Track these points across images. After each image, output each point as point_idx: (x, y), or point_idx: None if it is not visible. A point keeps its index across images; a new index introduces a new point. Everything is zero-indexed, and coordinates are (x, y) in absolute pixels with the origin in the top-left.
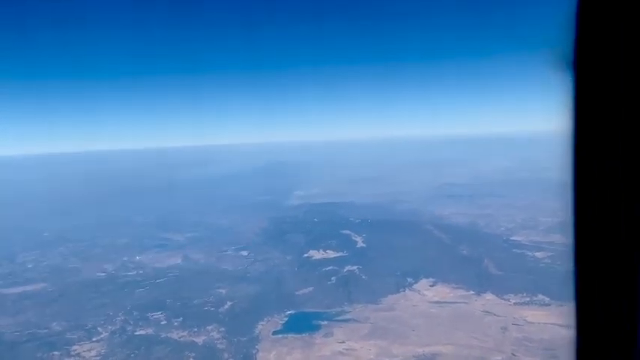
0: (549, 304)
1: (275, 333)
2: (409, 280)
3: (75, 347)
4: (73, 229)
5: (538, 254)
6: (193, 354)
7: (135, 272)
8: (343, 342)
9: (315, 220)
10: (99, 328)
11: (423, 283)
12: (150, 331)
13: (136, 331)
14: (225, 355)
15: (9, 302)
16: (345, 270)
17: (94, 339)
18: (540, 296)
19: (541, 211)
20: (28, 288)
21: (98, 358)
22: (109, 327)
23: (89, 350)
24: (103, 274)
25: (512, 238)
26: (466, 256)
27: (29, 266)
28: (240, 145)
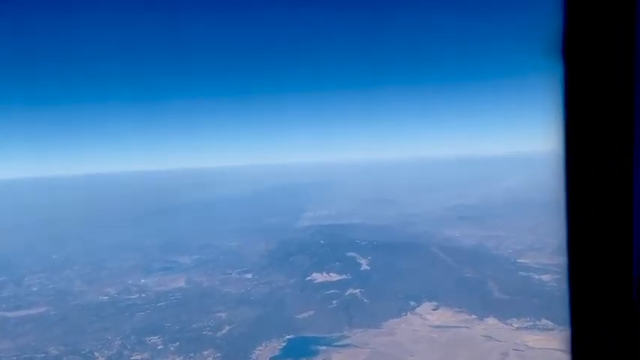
0: (552, 329)
1: (272, 359)
2: (412, 303)
3: None
4: (81, 251)
5: (544, 277)
6: None
7: (137, 295)
8: None
9: (322, 242)
10: (95, 353)
11: (426, 307)
12: (146, 355)
13: (132, 356)
14: None
15: (10, 326)
16: (347, 293)
17: None
18: (544, 321)
19: (550, 233)
20: (31, 311)
21: None
22: (106, 351)
23: None
24: (106, 297)
25: (519, 261)
26: (471, 279)
27: (34, 289)
28: (250, 166)
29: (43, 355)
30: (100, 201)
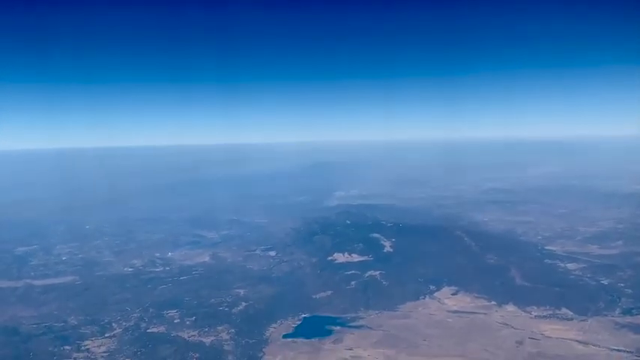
0: (571, 319)
1: (285, 336)
2: (431, 287)
3: (87, 342)
4: (113, 222)
5: (570, 265)
6: (198, 354)
7: (161, 269)
8: (351, 349)
9: (347, 222)
10: (114, 324)
11: (445, 292)
12: (162, 329)
13: (148, 329)
14: (230, 358)
15: (35, 294)
16: (366, 275)
17: (106, 335)
18: (564, 310)
19: (582, 221)
20: (57, 280)
21: (107, 354)
22: (124, 323)
23: (99, 346)
24: (131, 269)
25: (546, 248)
26: (493, 265)
27: (64, 258)
28: (291, 143)
29: (62, 324)
30: (136, 173)
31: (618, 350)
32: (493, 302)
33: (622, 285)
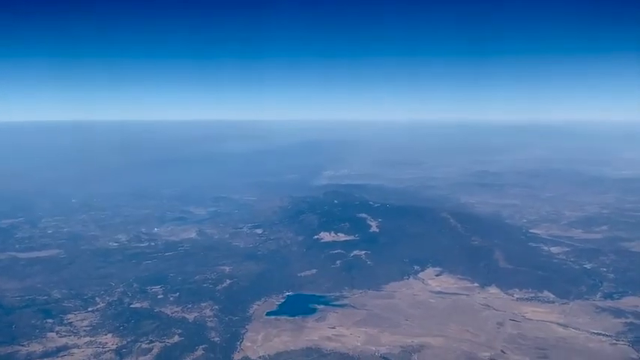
0: (553, 302)
1: (268, 314)
2: (415, 268)
3: (69, 316)
4: (101, 197)
5: (554, 249)
6: (180, 330)
7: (147, 244)
8: (334, 327)
9: (335, 201)
10: (97, 299)
11: (429, 272)
12: (145, 304)
13: (132, 304)
14: (212, 334)
15: (20, 267)
16: (352, 254)
17: (89, 309)
18: (546, 293)
19: (568, 205)
20: (42, 253)
21: (89, 328)
22: (107, 298)
23: (82, 320)
24: (116, 244)
25: (531, 231)
26: (478, 248)
27: (49, 232)
28: (287, 121)
29: (45, 297)
30: (128, 147)
31: (598, 334)
32: (476, 284)
33: (604, 269)
